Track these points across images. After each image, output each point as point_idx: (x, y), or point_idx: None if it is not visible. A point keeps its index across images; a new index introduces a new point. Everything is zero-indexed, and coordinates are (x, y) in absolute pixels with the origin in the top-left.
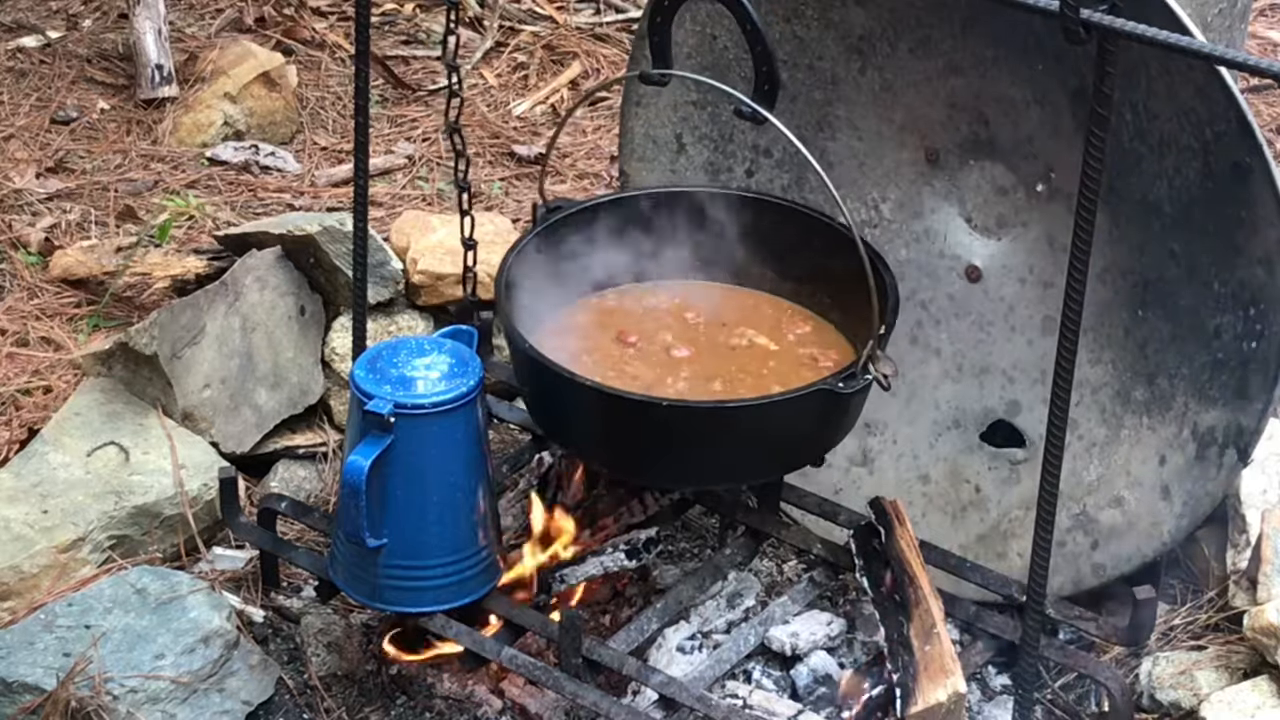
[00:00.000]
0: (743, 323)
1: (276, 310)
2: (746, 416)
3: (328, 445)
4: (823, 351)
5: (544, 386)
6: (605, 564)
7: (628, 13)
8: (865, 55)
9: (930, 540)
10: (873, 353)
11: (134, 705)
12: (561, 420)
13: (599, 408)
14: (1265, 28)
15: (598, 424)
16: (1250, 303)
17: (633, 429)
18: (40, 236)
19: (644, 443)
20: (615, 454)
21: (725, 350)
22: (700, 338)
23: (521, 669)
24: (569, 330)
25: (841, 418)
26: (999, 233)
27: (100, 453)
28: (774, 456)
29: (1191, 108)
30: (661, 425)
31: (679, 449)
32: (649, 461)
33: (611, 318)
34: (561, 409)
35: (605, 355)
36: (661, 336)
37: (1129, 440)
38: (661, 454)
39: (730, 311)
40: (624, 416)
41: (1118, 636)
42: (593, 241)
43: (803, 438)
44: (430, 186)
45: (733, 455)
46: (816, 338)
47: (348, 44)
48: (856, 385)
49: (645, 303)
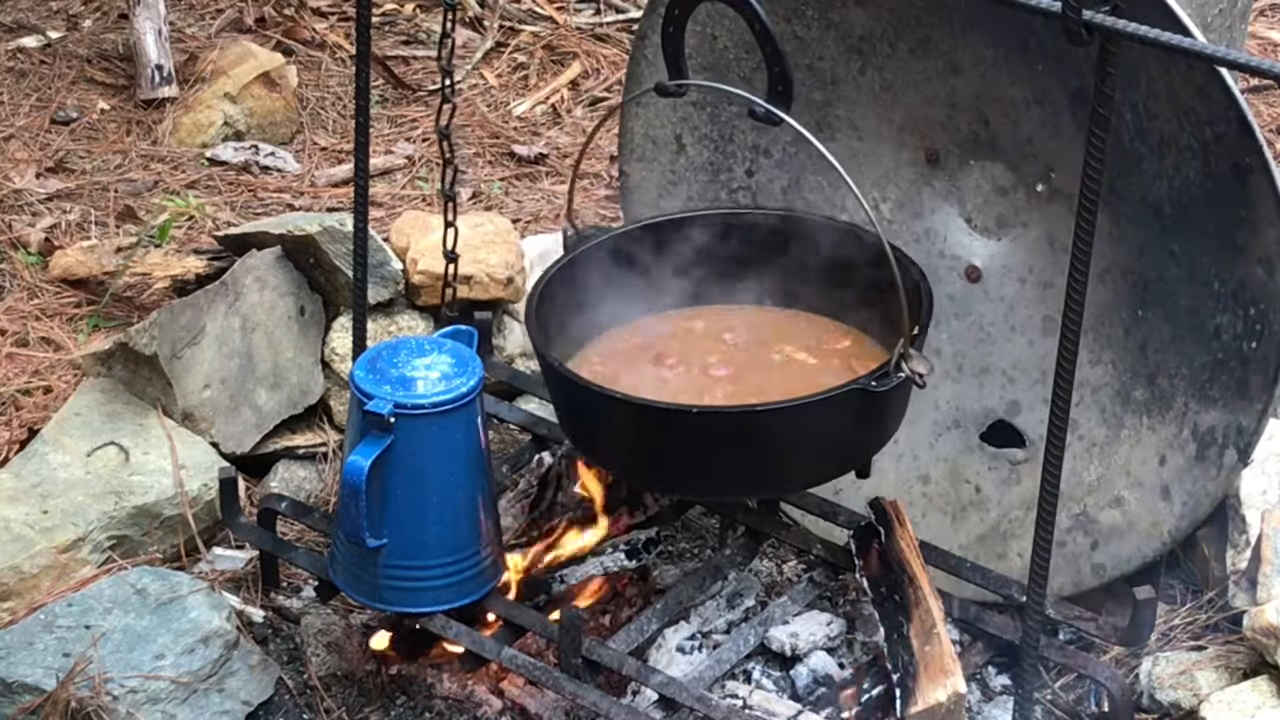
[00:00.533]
0: (781, 340)
1: (276, 310)
2: (778, 420)
3: (328, 445)
4: (862, 363)
5: (578, 405)
6: (605, 564)
7: (628, 13)
8: (865, 55)
9: (930, 540)
10: (905, 350)
11: (134, 705)
12: (598, 438)
13: (631, 420)
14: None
15: (632, 438)
16: (1250, 303)
17: (666, 439)
18: (40, 236)
19: (679, 454)
20: (651, 467)
21: (764, 367)
22: (739, 356)
23: (521, 669)
24: (605, 356)
25: (879, 419)
26: (999, 233)
27: (100, 453)
28: (813, 462)
29: (1192, 108)
30: (694, 434)
31: (712, 457)
32: (686, 473)
33: (648, 342)
34: (597, 426)
35: (644, 378)
36: (700, 357)
37: (1129, 440)
38: (695, 464)
39: (768, 330)
40: (656, 427)
41: (1118, 637)
42: (624, 269)
43: (840, 442)
44: (430, 187)
45: (769, 462)
46: (856, 350)
47: (348, 44)
48: (890, 384)
49: (681, 326)
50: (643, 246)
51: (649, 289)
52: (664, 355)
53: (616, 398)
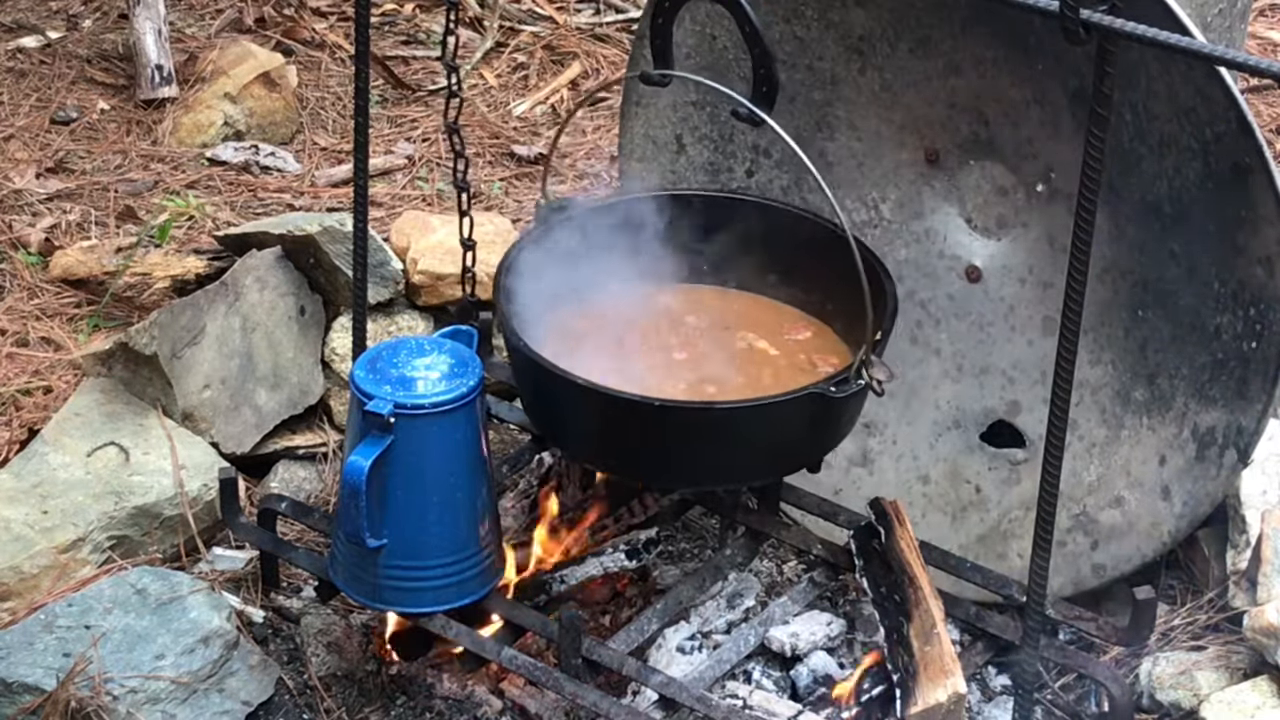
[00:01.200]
0: (743, 327)
1: (276, 310)
2: (736, 418)
3: (328, 445)
4: (823, 357)
5: (540, 387)
6: (605, 564)
7: (628, 13)
8: (865, 55)
9: (930, 540)
10: (867, 358)
11: (134, 705)
12: (557, 421)
13: (593, 407)
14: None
15: (592, 424)
16: (1250, 303)
17: (626, 429)
18: (40, 237)
19: (637, 442)
20: (609, 453)
21: (725, 354)
22: (700, 341)
23: (521, 669)
24: (568, 332)
25: (835, 423)
26: (999, 233)
27: (100, 453)
28: (767, 459)
29: (1191, 108)
30: (653, 425)
31: (671, 449)
32: (642, 461)
33: (611, 320)
34: (557, 409)
35: (605, 358)
36: (662, 339)
37: (1129, 440)
38: (654, 454)
39: (732, 316)
40: (618, 416)
41: (1118, 637)
42: (594, 243)
43: (796, 441)
44: (430, 187)
45: (725, 456)
46: (817, 343)
47: (348, 44)
48: (849, 390)
49: (646, 306)
50: (609, 222)
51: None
52: (626, 335)
53: (579, 384)
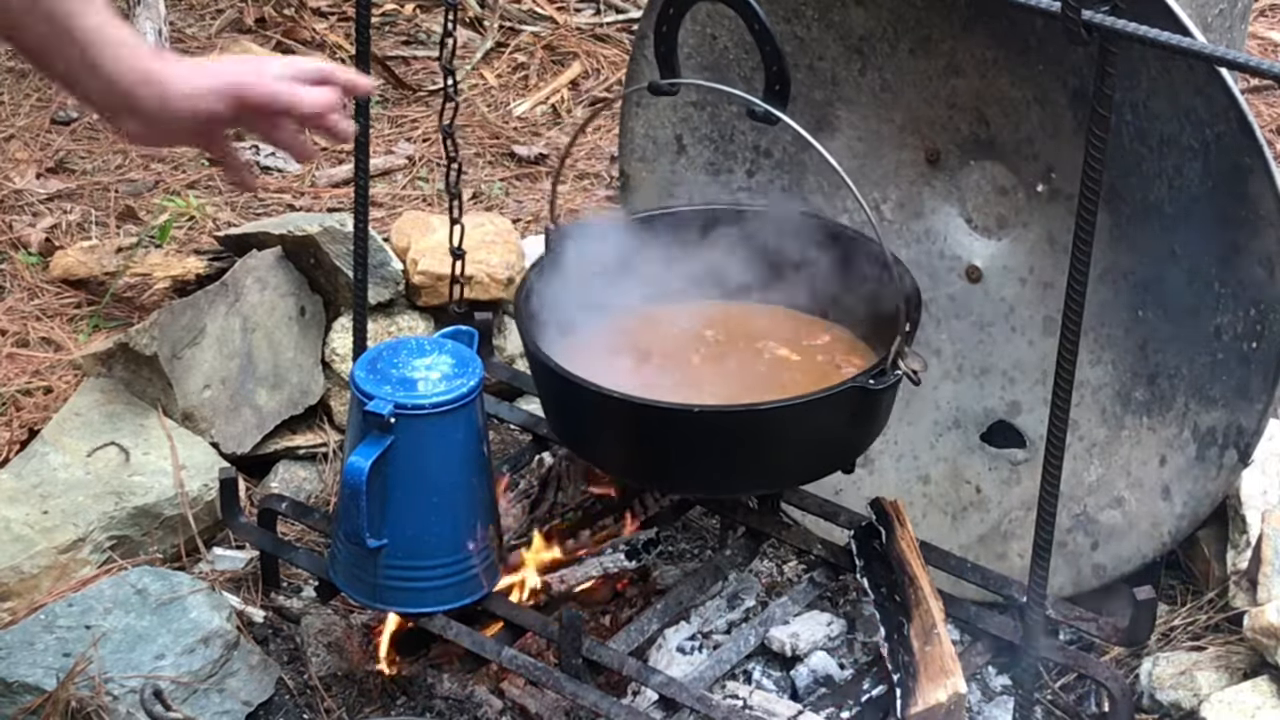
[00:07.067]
0: (763, 336)
1: (277, 311)
2: (780, 419)
3: (328, 446)
4: (844, 358)
5: (572, 403)
6: (605, 564)
7: (628, 13)
8: (865, 55)
9: (930, 541)
10: (900, 349)
11: (134, 705)
12: (591, 436)
13: (630, 420)
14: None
15: (630, 437)
16: (1250, 303)
17: (665, 439)
18: (40, 237)
19: (678, 452)
20: (648, 466)
21: (747, 364)
22: (721, 353)
23: (521, 669)
24: (589, 351)
25: (874, 417)
26: (999, 233)
27: (100, 453)
28: (809, 459)
29: (1192, 108)
30: (694, 433)
31: (712, 456)
32: (682, 471)
33: (631, 338)
34: (591, 425)
35: (628, 374)
36: (682, 354)
37: (1129, 441)
38: (694, 462)
39: (749, 327)
40: (656, 427)
41: (1118, 637)
42: (603, 265)
43: (836, 439)
44: (430, 187)
45: (765, 460)
46: (836, 345)
47: (348, 44)
48: (887, 381)
49: (663, 323)
50: (618, 242)
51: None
52: (647, 352)
53: (616, 397)
